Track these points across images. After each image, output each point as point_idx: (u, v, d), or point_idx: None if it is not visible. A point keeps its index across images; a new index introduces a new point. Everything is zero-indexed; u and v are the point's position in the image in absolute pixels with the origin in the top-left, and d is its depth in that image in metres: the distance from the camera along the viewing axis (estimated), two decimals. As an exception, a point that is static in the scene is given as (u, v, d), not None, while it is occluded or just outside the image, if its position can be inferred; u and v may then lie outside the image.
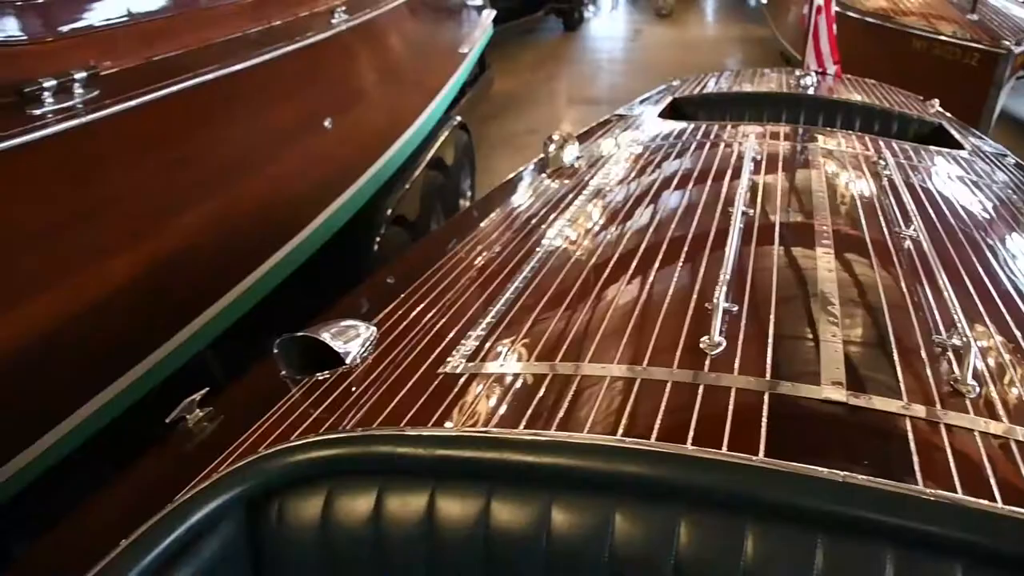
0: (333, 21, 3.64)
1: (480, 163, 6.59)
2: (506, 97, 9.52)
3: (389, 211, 4.18)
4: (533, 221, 2.18)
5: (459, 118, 5.77)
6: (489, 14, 7.93)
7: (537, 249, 1.94)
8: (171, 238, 2.68)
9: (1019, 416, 1.27)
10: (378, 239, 4.00)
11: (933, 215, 2.15)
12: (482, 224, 2.28)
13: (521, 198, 2.49)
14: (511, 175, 2.87)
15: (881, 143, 2.81)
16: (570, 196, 2.31)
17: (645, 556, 1.06)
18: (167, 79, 2.53)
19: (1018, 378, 1.40)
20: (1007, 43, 6.05)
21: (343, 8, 3.73)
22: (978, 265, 1.87)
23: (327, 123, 3.60)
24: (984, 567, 1.01)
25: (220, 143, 2.92)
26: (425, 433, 1.23)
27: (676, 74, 4.70)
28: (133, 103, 2.36)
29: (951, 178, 2.63)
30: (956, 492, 1.06)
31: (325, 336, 1.56)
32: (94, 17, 2.35)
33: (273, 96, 3.24)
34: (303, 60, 3.40)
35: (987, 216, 2.31)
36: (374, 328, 1.67)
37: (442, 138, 5.23)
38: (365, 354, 1.58)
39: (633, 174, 2.52)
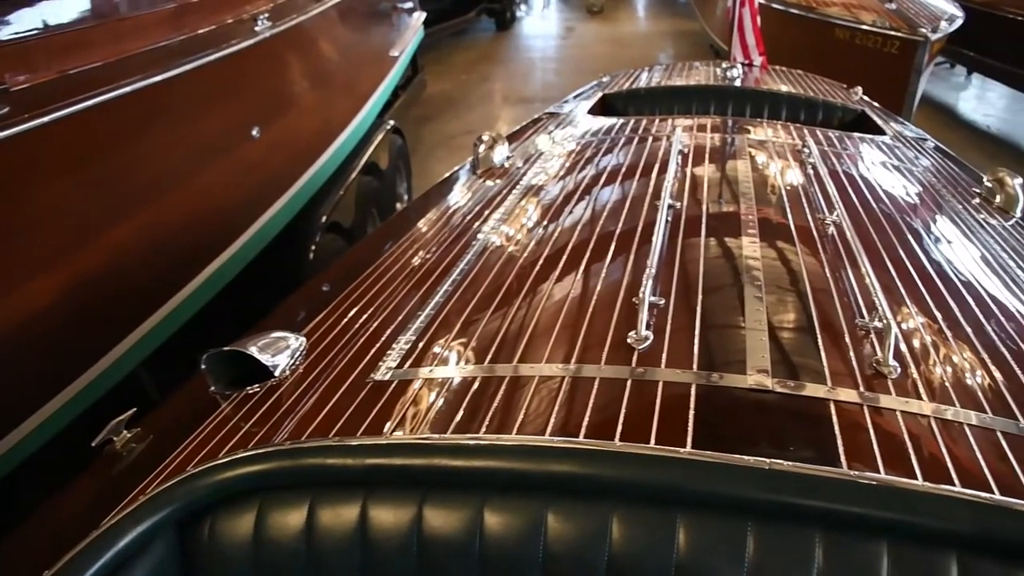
0: (256, 28, 3.58)
1: (417, 166, 6.57)
2: (441, 99, 9.50)
3: (323, 218, 4.14)
4: (463, 223, 2.18)
5: (392, 122, 5.74)
6: (419, 16, 7.89)
7: (467, 251, 1.93)
8: (96, 256, 2.61)
9: (939, 394, 1.30)
10: (313, 247, 3.96)
11: (856, 200, 2.19)
12: (413, 228, 2.27)
13: (452, 200, 2.48)
14: (442, 177, 2.85)
15: (805, 131, 2.86)
16: (500, 197, 2.31)
17: (579, 554, 1.07)
18: (84, 93, 2.46)
19: (939, 358, 1.44)
20: (924, 31, 6.23)
21: (266, 15, 3.67)
22: (899, 247, 1.91)
23: (254, 132, 3.54)
24: (908, 543, 1.03)
25: (143, 156, 2.85)
26: (354, 443, 1.21)
27: (609, 70, 4.74)
28: (47, 119, 2.29)
29: (873, 163, 2.68)
30: (879, 472, 1.08)
31: (252, 350, 1.53)
32: (3, 31, 2.28)
33: (197, 107, 3.17)
34: (226, 69, 3.34)
35: (908, 199, 2.36)
36: (304, 338, 1.65)
37: (375, 143, 5.20)
38: (295, 365, 1.56)
39: (563, 172, 2.52)
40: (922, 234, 2.05)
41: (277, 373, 1.53)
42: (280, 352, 1.57)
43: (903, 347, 1.42)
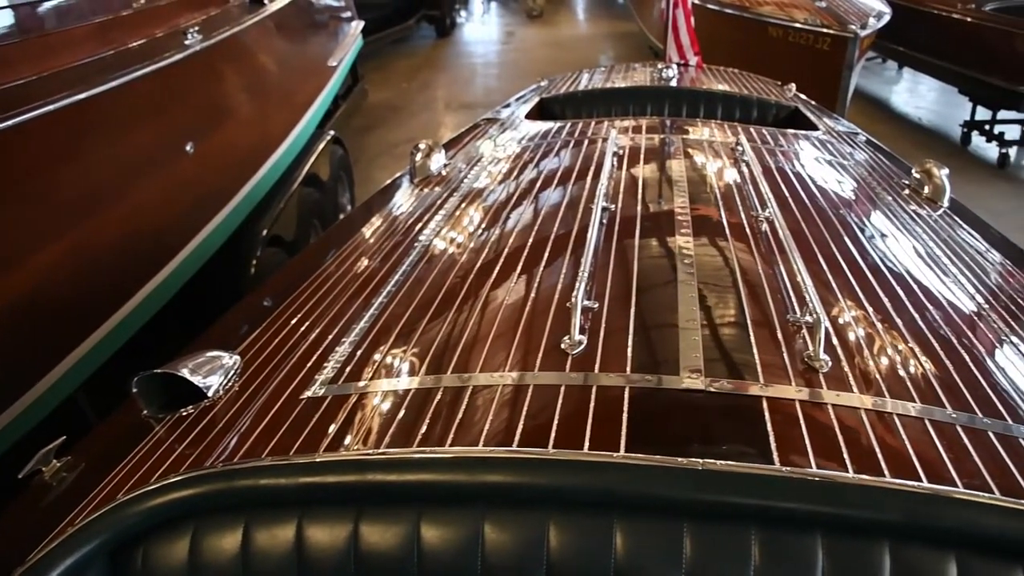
0: (187, 42, 3.52)
1: (360, 175, 6.53)
2: (383, 107, 9.46)
3: (264, 232, 4.09)
4: (399, 233, 2.16)
5: (332, 132, 5.69)
6: (358, 25, 7.84)
7: (402, 261, 1.92)
8: (26, 279, 2.54)
9: (871, 386, 1.32)
10: (254, 262, 3.90)
11: (788, 195, 2.22)
12: (350, 239, 2.24)
13: (389, 210, 2.46)
14: (380, 188, 2.84)
15: (739, 129, 2.89)
16: (436, 206, 2.30)
17: (517, 564, 1.06)
18: (6, 111, 2.40)
19: (870, 349, 1.46)
20: (854, 27, 6.36)
21: (196, 29, 3.61)
22: (831, 241, 1.94)
23: (188, 147, 3.49)
24: (841, 535, 1.04)
25: (72, 175, 2.79)
26: (287, 462, 1.19)
27: (550, 73, 4.75)
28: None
29: (805, 159, 2.73)
30: (812, 467, 1.09)
31: (183, 371, 1.50)
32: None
33: (126, 123, 3.11)
34: (156, 84, 3.28)
35: (839, 193, 2.41)
36: (238, 356, 1.62)
37: (316, 154, 5.15)
38: (229, 385, 1.53)
39: (499, 177, 2.52)
40: (853, 227, 2.08)
41: (210, 394, 1.50)
42: (213, 372, 1.54)
43: (835, 341, 1.44)
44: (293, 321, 1.76)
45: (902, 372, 1.39)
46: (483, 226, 2.13)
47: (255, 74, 4.68)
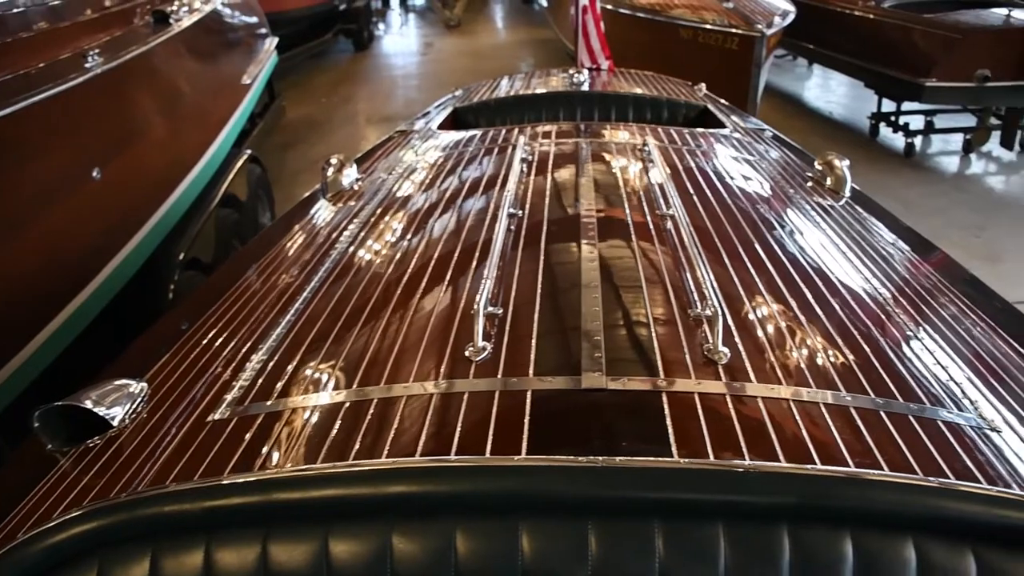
0: (87, 65, 3.43)
1: (281, 193, 6.44)
2: (303, 124, 9.36)
3: (181, 255, 4.01)
4: (308, 251, 2.14)
5: (249, 151, 5.60)
6: (272, 42, 7.74)
7: (310, 280, 1.90)
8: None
9: (767, 375, 1.36)
10: (172, 286, 3.82)
11: (692, 193, 2.27)
12: (260, 259, 2.21)
13: (300, 228, 2.44)
14: (292, 206, 2.81)
15: (647, 130, 2.95)
16: (346, 221, 2.29)
17: (426, 573, 1.06)
18: None
19: (769, 339, 1.50)
20: (760, 27, 6.55)
21: (97, 51, 3.53)
22: (734, 236, 1.99)
23: (95, 173, 3.39)
24: (741, 522, 1.07)
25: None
26: (190, 487, 1.17)
27: (470, 82, 4.77)
28: None
29: (712, 156, 2.79)
30: (709, 457, 1.12)
31: (87, 402, 1.47)
32: None
33: (25, 151, 3.01)
34: (56, 109, 3.18)
35: (743, 188, 2.46)
36: (145, 384, 1.59)
37: (232, 174, 5.06)
38: (135, 413, 1.50)
39: (410, 190, 2.52)
40: (756, 221, 2.14)
41: (116, 423, 1.47)
42: (118, 401, 1.51)
43: (735, 332, 1.47)
44: (202, 345, 1.73)
45: (799, 359, 1.44)
46: (392, 239, 2.12)
47: (164, 95, 4.58)
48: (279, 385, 1.46)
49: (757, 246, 1.95)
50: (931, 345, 1.60)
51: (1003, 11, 7.31)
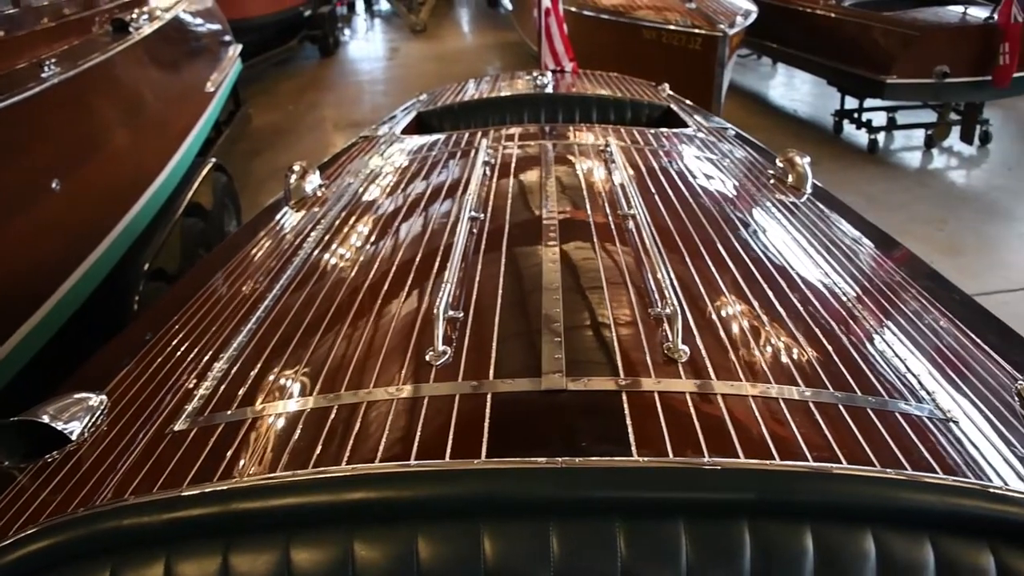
0: (44, 75, 3.39)
1: (248, 200, 6.38)
2: (269, 131, 9.29)
3: (146, 266, 3.96)
4: (270, 259, 2.13)
5: (214, 159, 5.55)
6: (236, 49, 7.69)
7: (272, 288, 1.89)
8: None
9: (727, 371, 1.37)
10: (137, 297, 3.78)
11: (654, 192, 2.28)
12: (223, 267, 2.19)
13: (263, 236, 2.42)
14: (256, 213, 2.79)
15: (610, 130, 2.95)
16: (309, 228, 2.27)
17: None
18: None
19: (729, 336, 1.51)
20: (722, 27, 6.62)
21: (53, 61, 3.48)
22: (695, 234, 2.00)
23: (54, 184, 3.34)
24: (702, 519, 1.08)
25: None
26: (149, 499, 1.16)
27: (437, 87, 4.75)
28: None
29: (674, 155, 2.81)
30: (668, 455, 1.13)
31: (44, 417, 1.45)
32: None
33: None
34: (11, 120, 3.14)
35: (706, 186, 2.48)
36: (104, 396, 1.57)
37: (197, 182, 5.01)
38: (94, 426, 1.48)
39: (373, 195, 2.51)
40: (718, 219, 2.15)
41: (74, 437, 1.45)
42: (77, 415, 1.49)
43: (695, 330, 1.48)
44: (163, 355, 1.72)
45: (760, 356, 1.45)
46: (354, 245, 2.11)
47: (125, 104, 4.53)
48: (240, 394, 1.45)
49: (718, 244, 1.96)
50: (890, 339, 1.62)
51: (960, 8, 7.44)
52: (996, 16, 6.93)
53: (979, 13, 7.21)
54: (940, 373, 1.51)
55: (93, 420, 1.49)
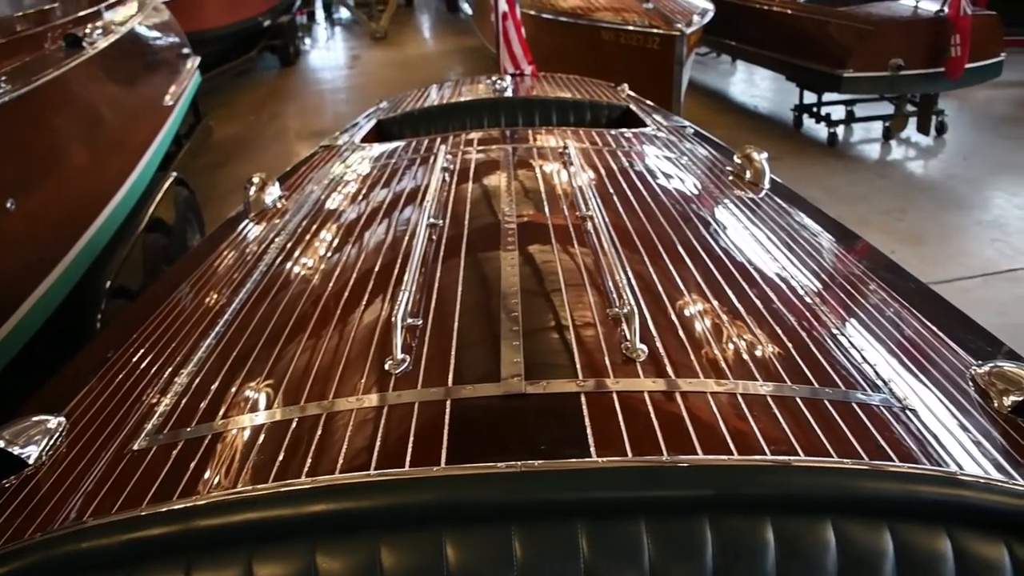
0: (-6, 93, 3.33)
1: (212, 214, 6.32)
2: (231, 143, 9.22)
3: (108, 284, 3.90)
4: (230, 273, 2.11)
5: (175, 174, 5.49)
6: (194, 61, 7.61)
7: (231, 302, 1.87)
8: None
9: (685, 369, 1.38)
10: (99, 316, 3.72)
11: (613, 193, 2.29)
12: (183, 283, 2.17)
13: (222, 250, 2.39)
14: (216, 227, 2.76)
15: (569, 132, 2.97)
16: (268, 240, 2.26)
17: None
18: None
19: (687, 333, 1.52)
20: (680, 26, 6.67)
21: (4, 78, 3.42)
22: (653, 233, 2.01)
23: (9, 204, 3.29)
24: (663, 516, 1.09)
25: None
26: (108, 521, 1.15)
27: (399, 93, 4.74)
28: None
29: (633, 155, 2.82)
30: (627, 455, 1.13)
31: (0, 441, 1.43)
32: None
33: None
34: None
35: (663, 185, 2.49)
36: (63, 418, 1.55)
37: (158, 197, 4.95)
38: (53, 449, 1.46)
39: (333, 205, 2.50)
40: (676, 216, 2.16)
41: (32, 461, 1.43)
42: (34, 438, 1.47)
43: (653, 329, 1.49)
44: (122, 374, 1.70)
45: (717, 352, 1.46)
46: (313, 257, 2.10)
47: (80, 120, 4.46)
48: (201, 409, 1.43)
49: (676, 242, 1.98)
50: (848, 330, 1.64)
51: (911, 2, 7.56)
52: (946, 9, 7.06)
53: (931, 7, 7.34)
54: (897, 362, 1.54)
55: (52, 443, 1.48)
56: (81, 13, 4.99)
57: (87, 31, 4.81)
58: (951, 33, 7.00)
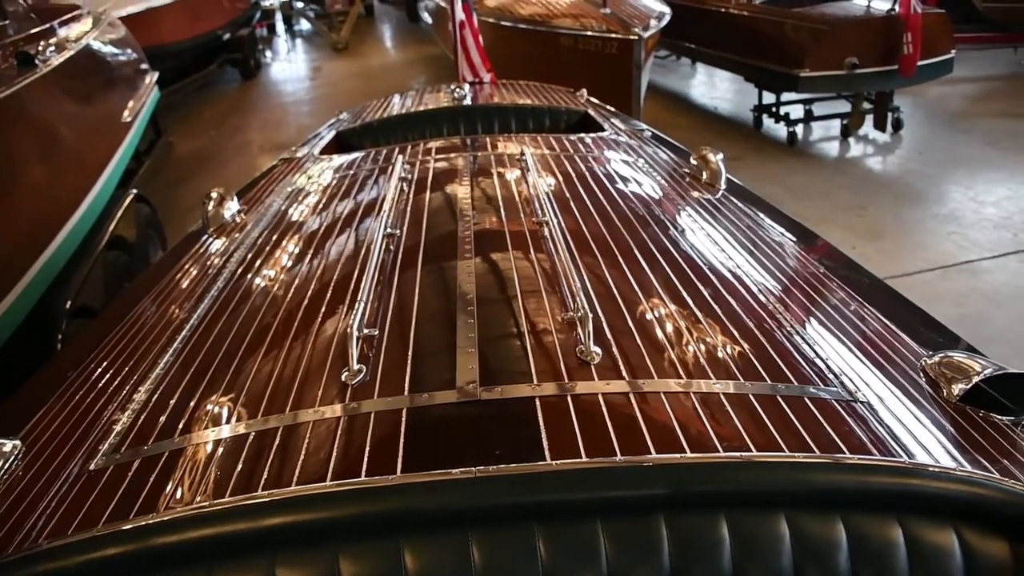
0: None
1: (174, 230, 6.24)
2: (193, 158, 9.15)
3: (68, 304, 3.86)
4: (188, 289, 2.10)
5: (135, 191, 5.43)
6: (152, 76, 7.54)
7: (189, 318, 1.86)
8: None
9: (639, 370, 1.39)
10: (60, 336, 3.68)
11: (569, 197, 2.31)
12: (140, 301, 2.16)
13: (181, 266, 2.38)
14: (176, 242, 2.74)
15: (526, 139, 2.98)
16: (227, 255, 2.25)
17: None
18: None
19: (642, 334, 1.54)
20: (637, 30, 6.73)
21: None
22: (609, 236, 2.03)
23: (-37, 226, 3.25)
24: (618, 517, 1.10)
25: None
26: (63, 543, 1.14)
27: (361, 104, 4.73)
28: None
29: (590, 160, 2.84)
30: (581, 457, 1.15)
31: None
32: None
33: None
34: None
35: (620, 188, 2.52)
36: (19, 441, 1.53)
37: (119, 215, 4.90)
38: (7, 473, 1.44)
39: (291, 217, 2.50)
40: (631, 219, 2.18)
41: None
42: None
43: (607, 332, 1.50)
44: (81, 392, 1.68)
45: (670, 352, 1.47)
46: (271, 270, 2.10)
47: (35, 139, 4.40)
48: (159, 426, 1.42)
49: (632, 244, 2.00)
50: (801, 326, 1.66)
51: (864, 2, 7.70)
52: (897, 8, 7.19)
53: (883, 6, 7.47)
54: (851, 356, 1.56)
55: (6, 467, 1.45)
56: (33, 30, 4.94)
57: (40, 48, 4.75)
58: (903, 31, 7.13)
